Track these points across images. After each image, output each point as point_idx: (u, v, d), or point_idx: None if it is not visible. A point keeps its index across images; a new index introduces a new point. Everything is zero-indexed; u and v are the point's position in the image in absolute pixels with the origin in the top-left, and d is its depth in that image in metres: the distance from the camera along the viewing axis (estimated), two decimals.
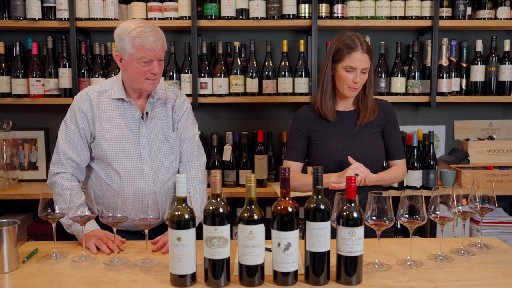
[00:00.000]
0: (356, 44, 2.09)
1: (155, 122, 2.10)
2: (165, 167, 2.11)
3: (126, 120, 2.07)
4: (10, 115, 3.23)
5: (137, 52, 1.94)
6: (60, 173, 2.03)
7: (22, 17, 2.98)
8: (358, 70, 2.09)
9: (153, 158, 2.08)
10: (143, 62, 1.96)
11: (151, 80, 2.00)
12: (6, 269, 1.65)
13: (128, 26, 1.97)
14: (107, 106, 2.06)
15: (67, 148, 2.04)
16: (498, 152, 3.19)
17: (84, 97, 2.06)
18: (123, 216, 1.75)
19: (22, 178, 3.23)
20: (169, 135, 2.13)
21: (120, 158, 2.04)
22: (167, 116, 2.14)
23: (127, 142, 2.05)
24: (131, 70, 1.99)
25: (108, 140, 2.04)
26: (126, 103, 2.07)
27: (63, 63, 3.02)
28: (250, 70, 3.05)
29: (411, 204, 1.67)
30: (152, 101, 2.10)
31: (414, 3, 2.98)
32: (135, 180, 2.05)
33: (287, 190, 1.52)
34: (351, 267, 1.53)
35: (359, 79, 2.10)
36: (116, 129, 2.05)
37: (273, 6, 2.96)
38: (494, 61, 3.09)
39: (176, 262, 1.51)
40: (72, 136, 2.04)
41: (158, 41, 1.96)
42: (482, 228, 2.77)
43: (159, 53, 1.98)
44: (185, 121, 2.18)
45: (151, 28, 1.96)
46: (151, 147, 2.08)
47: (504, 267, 1.69)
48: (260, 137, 3.08)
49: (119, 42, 1.98)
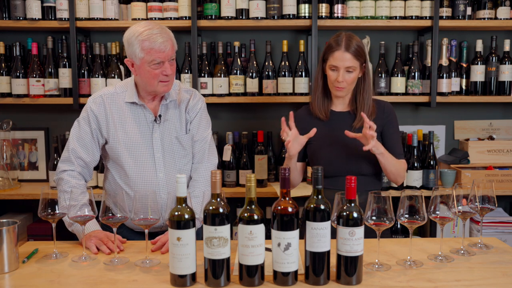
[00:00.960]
0: (338, 43, 2.10)
1: (168, 125, 2.09)
2: (178, 169, 2.10)
3: (139, 124, 2.06)
4: (10, 115, 3.23)
5: (147, 55, 1.93)
6: (68, 171, 2.04)
7: (22, 17, 2.98)
8: (341, 69, 2.10)
9: (166, 162, 2.08)
10: (154, 65, 1.95)
11: (164, 82, 1.99)
12: (6, 269, 1.65)
13: (136, 29, 1.95)
14: (120, 110, 2.06)
15: (78, 147, 2.04)
16: (498, 152, 3.19)
17: (97, 100, 2.07)
18: (123, 216, 1.75)
19: (22, 178, 3.23)
20: (182, 137, 2.11)
21: (133, 162, 2.04)
22: (180, 118, 2.13)
23: (140, 145, 2.05)
24: (143, 74, 1.98)
25: (122, 143, 2.04)
26: (139, 107, 2.07)
27: (63, 63, 3.02)
28: (250, 70, 3.05)
29: (411, 204, 1.67)
30: (166, 103, 2.09)
31: (414, 3, 2.98)
32: (148, 183, 2.05)
33: (287, 190, 1.52)
34: (351, 267, 1.53)
35: (342, 78, 2.10)
36: (129, 133, 2.05)
37: (273, 6, 2.97)
38: (494, 61, 3.09)
39: (176, 262, 1.51)
40: (83, 136, 2.05)
41: (167, 42, 1.95)
42: (482, 228, 2.77)
43: (169, 53, 1.97)
44: (197, 122, 2.15)
45: (158, 30, 1.95)
46: (164, 150, 2.08)
47: (504, 267, 1.69)
48: (260, 137, 3.08)
49: (128, 47, 1.97)
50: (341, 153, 2.17)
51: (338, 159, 2.17)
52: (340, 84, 2.11)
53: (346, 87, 2.14)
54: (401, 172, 2.19)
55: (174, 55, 2.01)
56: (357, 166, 2.17)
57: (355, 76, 2.14)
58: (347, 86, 2.14)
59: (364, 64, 2.17)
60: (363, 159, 2.17)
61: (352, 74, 2.12)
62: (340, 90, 2.14)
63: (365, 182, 2.17)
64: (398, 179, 2.21)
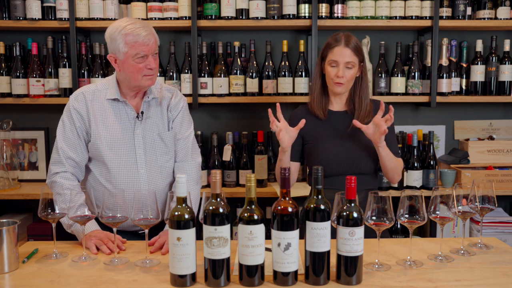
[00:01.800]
0: (337, 40, 2.13)
1: (150, 122, 2.10)
2: (160, 166, 2.11)
3: (121, 120, 2.07)
4: (10, 115, 3.23)
5: (131, 49, 1.95)
6: (60, 173, 2.03)
7: (22, 17, 2.98)
8: (340, 64, 2.12)
9: (148, 158, 2.08)
10: (138, 59, 1.96)
11: (148, 76, 2.01)
12: (6, 269, 1.65)
13: (119, 25, 1.97)
14: (102, 106, 2.06)
15: (66, 147, 2.04)
16: (498, 152, 3.19)
17: (79, 97, 2.07)
18: (123, 216, 1.75)
19: (22, 178, 3.23)
20: (164, 134, 2.13)
21: (115, 158, 2.04)
22: (162, 116, 2.14)
23: (122, 142, 2.05)
24: (127, 69, 1.99)
25: (104, 140, 2.04)
26: (121, 103, 2.07)
27: (63, 63, 3.02)
28: (250, 70, 3.05)
29: (411, 204, 1.67)
30: (148, 100, 2.10)
31: (414, 3, 2.98)
32: (130, 180, 2.05)
33: (287, 190, 1.52)
34: (351, 267, 1.53)
35: (342, 73, 2.11)
36: (111, 130, 2.05)
37: (273, 6, 2.96)
38: (494, 61, 3.09)
39: (176, 262, 1.51)
40: (70, 135, 2.05)
41: (150, 35, 1.97)
42: (482, 228, 2.77)
43: (153, 47, 1.99)
44: (180, 120, 2.18)
45: (141, 24, 1.97)
46: (146, 147, 2.08)
47: (504, 267, 1.69)
48: (260, 137, 3.08)
49: (111, 42, 1.98)
50: (339, 152, 2.18)
51: (336, 158, 2.17)
52: (340, 79, 2.12)
53: (345, 84, 2.15)
54: (398, 170, 2.20)
55: (157, 50, 2.04)
56: (355, 164, 2.18)
57: (353, 73, 2.15)
58: (346, 82, 2.15)
59: (362, 63, 2.18)
60: (361, 158, 2.17)
61: (351, 70, 2.14)
62: (340, 85, 2.15)
63: (363, 180, 2.18)
64: (395, 177, 2.21)
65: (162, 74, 3.05)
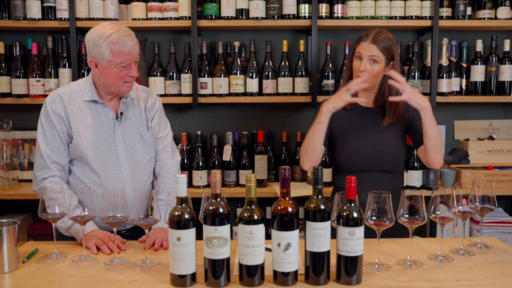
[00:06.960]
0: (367, 35, 2.12)
1: (129, 122, 2.10)
2: (142, 165, 2.12)
3: (100, 122, 2.05)
4: (10, 115, 3.23)
5: (115, 57, 1.94)
6: (48, 178, 2.00)
7: (22, 17, 2.98)
8: (364, 58, 2.10)
9: (130, 158, 2.08)
10: (121, 67, 1.96)
11: (129, 83, 2.02)
12: (6, 269, 1.65)
13: (103, 31, 1.95)
14: (79, 108, 2.04)
15: (50, 152, 2.01)
16: (498, 152, 3.19)
17: (56, 99, 2.03)
18: (123, 216, 1.75)
19: (22, 178, 3.22)
20: (145, 134, 2.13)
21: (98, 158, 2.03)
22: (141, 115, 2.15)
23: (103, 143, 2.04)
24: (109, 76, 1.98)
25: (85, 140, 2.02)
26: (100, 105, 2.06)
27: (63, 63, 3.02)
28: (250, 70, 3.05)
29: (411, 204, 1.67)
30: (126, 101, 2.10)
31: (414, 3, 2.98)
32: (114, 180, 2.05)
33: (287, 190, 1.52)
34: (351, 267, 1.53)
35: (363, 67, 2.09)
36: (91, 131, 2.03)
37: (273, 6, 2.97)
38: (494, 61, 3.09)
39: (176, 262, 1.51)
40: (51, 139, 2.02)
41: (135, 45, 1.98)
42: (482, 228, 2.77)
43: (136, 56, 2.00)
44: (158, 120, 2.19)
45: (126, 32, 1.97)
46: (127, 146, 2.08)
47: (504, 267, 1.69)
48: (260, 137, 3.08)
49: (94, 48, 1.96)
50: (363, 147, 2.15)
51: (360, 153, 2.15)
52: (362, 73, 2.10)
53: (368, 79, 2.10)
54: (438, 142, 2.08)
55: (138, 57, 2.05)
56: (379, 162, 2.15)
57: (378, 69, 2.10)
58: (370, 78, 2.10)
59: (392, 62, 2.14)
60: (387, 155, 2.15)
61: (375, 66, 2.10)
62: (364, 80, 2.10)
63: (386, 179, 2.16)
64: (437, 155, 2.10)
65: (162, 74, 3.06)
